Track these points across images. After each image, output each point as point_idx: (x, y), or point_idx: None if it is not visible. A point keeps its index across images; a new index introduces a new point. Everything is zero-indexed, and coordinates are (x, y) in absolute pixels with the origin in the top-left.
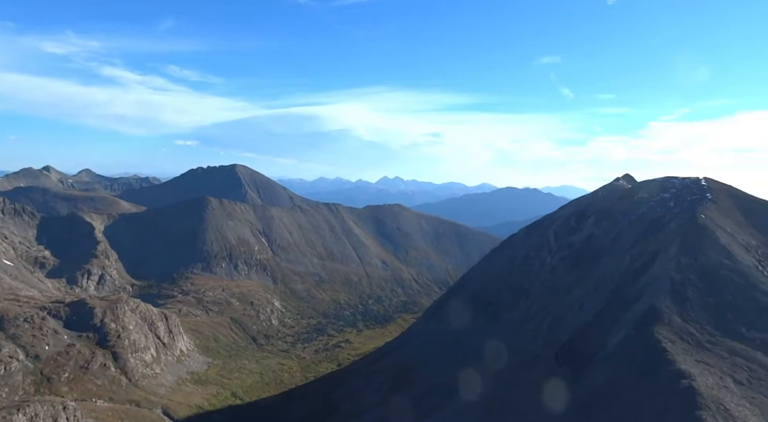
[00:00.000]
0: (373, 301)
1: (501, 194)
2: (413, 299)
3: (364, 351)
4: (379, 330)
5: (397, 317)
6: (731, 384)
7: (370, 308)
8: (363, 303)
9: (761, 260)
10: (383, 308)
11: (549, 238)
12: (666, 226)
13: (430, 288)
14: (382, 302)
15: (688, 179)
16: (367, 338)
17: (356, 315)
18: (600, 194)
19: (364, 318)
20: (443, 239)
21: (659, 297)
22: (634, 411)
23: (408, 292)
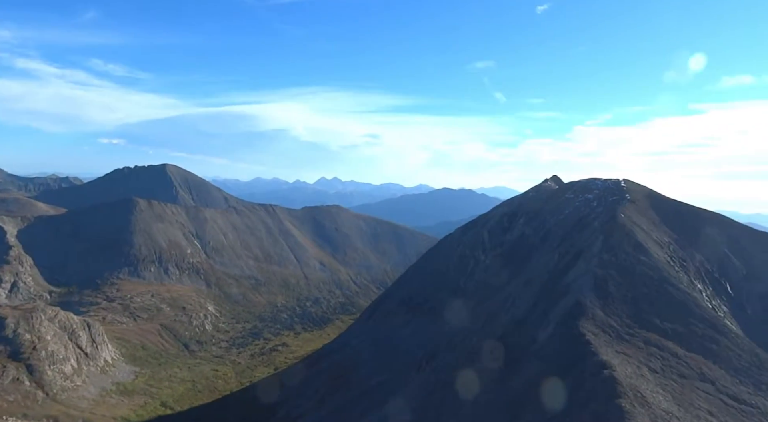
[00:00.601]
0: (311, 303)
1: (437, 194)
2: (352, 301)
3: (302, 353)
4: (317, 332)
5: (336, 318)
6: (647, 372)
7: (308, 310)
8: (301, 305)
9: (672, 256)
10: (321, 310)
11: (483, 237)
12: (590, 225)
13: (369, 289)
14: (320, 304)
15: (610, 181)
16: (304, 340)
17: (294, 318)
18: (530, 195)
19: (301, 321)
20: (381, 240)
21: (584, 292)
22: (562, 401)
23: (346, 293)
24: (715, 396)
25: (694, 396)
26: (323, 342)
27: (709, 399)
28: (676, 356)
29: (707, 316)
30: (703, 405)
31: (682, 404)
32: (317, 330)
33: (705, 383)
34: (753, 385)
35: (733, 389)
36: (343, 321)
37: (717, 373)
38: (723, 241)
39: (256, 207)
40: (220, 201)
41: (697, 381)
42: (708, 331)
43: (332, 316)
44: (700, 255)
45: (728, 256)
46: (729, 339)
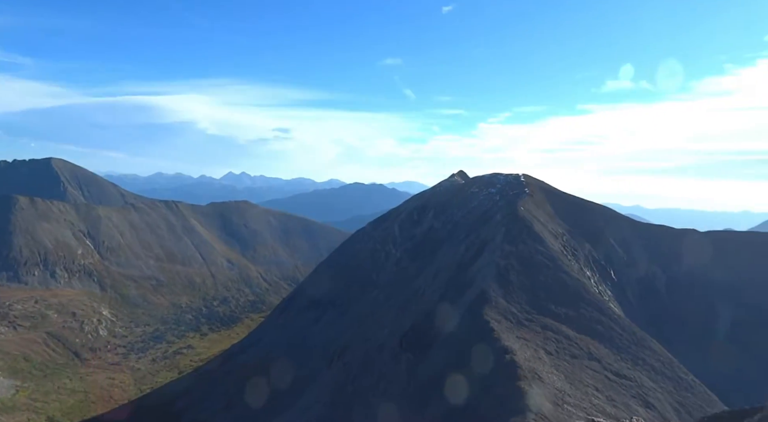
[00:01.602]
0: (219, 302)
1: (349, 189)
2: (262, 298)
3: (209, 355)
4: (226, 332)
5: (245, 317)
6: (543, 355)
7: (215, 310)
8: (207, 305)
9: (565, 246)
10: (229, 309)
11: (394, 231)
12: (493, 218)
13: (279, 286)
14: (229, 302)
15: (511, 176)
16: (212, 342)
17: (200, 318)
18: (438, 189)
19: (208, 321)
20: (292, 235)
21: (487, 282)
22: (469, 387)
23: (256, 291)
24: (601, 373)
25: (584, 374)
26: (232, 342)
27: (595, 376)
28: (568, 338)
29: (594, 300)
30: (591, 381)
31: (573, 382)
32: (225, 330)
33: (592, 361)
34: (632, 361)
35: (615, 365)
36: (252, 320)
37: (602, 352)
38: (608, 231)
39: (157, 204)
40: (116, 198)
41: (585, 360)
42: (595, 314)
43: (241, 315)
44: (588, 244)
45: (612, 245)
46: (612, 321)
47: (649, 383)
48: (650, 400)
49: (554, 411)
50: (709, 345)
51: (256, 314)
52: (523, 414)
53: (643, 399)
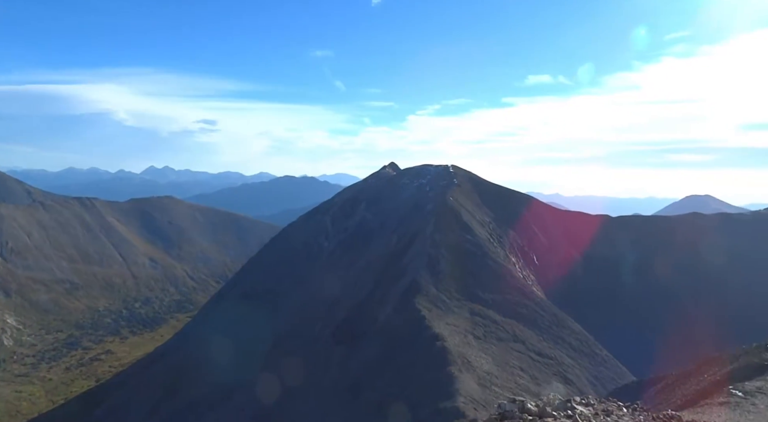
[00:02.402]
0: (141, 304)
1: (279, 182)
2: (188, 297)
3: (131, 360)
4: (149, 334)
5: (170, 318)
6: (472, 340)
7: (137, 312)
8: (128, 307)
9: (491, 234)
10: (153, 310)
11: (326, 224)
12: (423, 208)
13: (207, 283)
14: (152, 303)
15: (440, 167)
16: (133, 345)
17: (120, 322)
18: (370, 181)
19: (129, 324)
20: (220, 231)
21: (419, 271)
22: (403, 374)
23: (182, 290)
24: (525, 354)
25: (509, 356)
26: (156, 345)
27: (520, 357)
28: (495, 322)
29: (519, 285)
30: (516, 362)
31: (500, 364)
32: (149, 332)
33: (517, 343)
34: (552, 341)
35: (538, 346)
36: (179, 320)
37: (527, 334)
38: (530, 218)
39: (69, 201)
40: (22, 195)
41: (511, 343)
42: (520, 298)
43: (166, 316)
44: (513, 231)
45: (534, 231)
46: (535, 303)
47: (568, 360)
48: (569, 376)
49: (482, 393)
50: (619, 321)
51: (183, 314)
52: (453, 398)
53: (563, 376)
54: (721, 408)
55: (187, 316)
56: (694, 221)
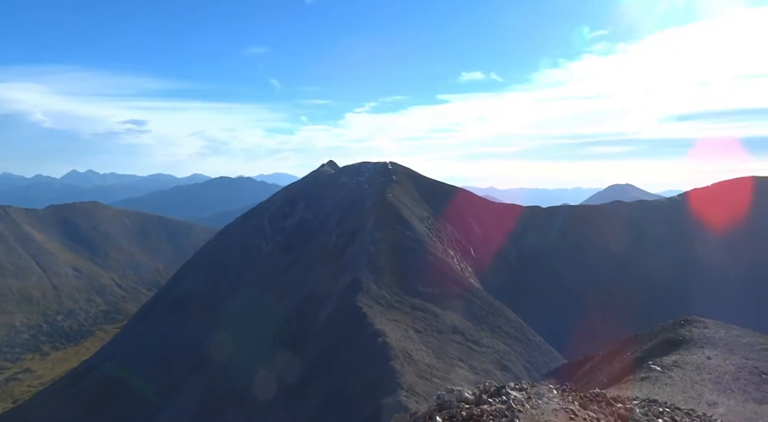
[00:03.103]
0: (63, 317)
1: (214, 184)
2: (117, 307)
3: (52, 377)
4: (73, 348)
5: (97, 330)
6: (413, 334)
7: (58, 325)
8: (49, 322)
9: (430, 228)
10: (77, 322)
11: (264, 225)
12: (363, 205)
13: (138, 292)
14: (76, 316)
15: (379, 164)
16: (55, 362)
17: (39, 337)
18: (308, 180)
19: (51, 339)
20: (152, 236)
21: (359, 269)
22: (346, 372)
23: (110, 300)
24: (464, 345)
25: (449, 348)
26: (82, 359)
27: (460, 348)
28: (435, 315)
29: (457, 277)
30: (455, 353)
31: (440, 356)
32: (73, 346)
33: (456, 334)
34: (490, 330)
35: (476, 335)
36: (106, 332)
37: (465, 325)
38: (467, 212)
39: None
40: None
41: (450, 334)
42: (458, 290)
43: (92, 328)
44: (450, 226)
45: (471, 224)
46: (473, 294)
47: (504, 348)
48: (506, 363)
49: (424, 385)
50: (551, 307)
51: (111, 325)
52: (395, 393)
53: (500, 363)
54: (642, 383)
55: (115, 327)
56: (616, 209)
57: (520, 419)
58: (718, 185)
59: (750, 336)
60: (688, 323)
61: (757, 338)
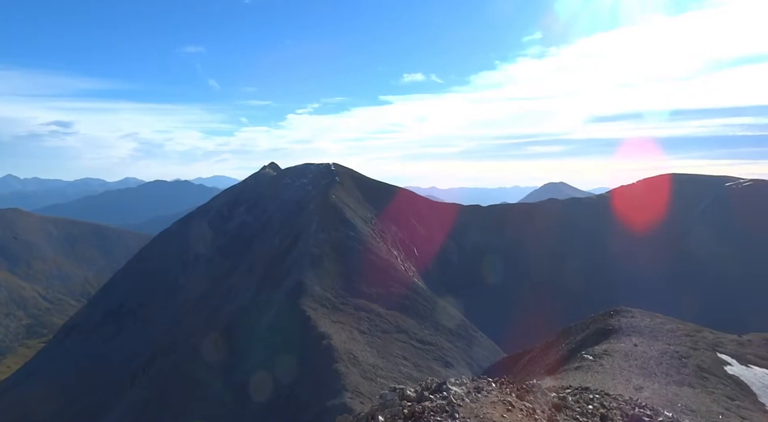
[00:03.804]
0: None
1: (149, 188)
2: (41, 321)
3: None
4: None
5: (18, 346)
6: (358, 335)
7: None
8: None
9: (374, 229)
10: None
11: (203, 229)
12: (306, 207)
13: (65, 303)
14: None
15: (322, 165)
16: None
17: None
18: (249, 183)
19: None
20: (80, 244)
21: (303, 272)
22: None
23: (33, 313)
24: (408, 343)
25: (394, 347)
26: (1, 378)
27: (404, 347)
28: (380, 315)
29: (401, 277)
30: (400, 352)
31: (385, 355)
32: None
33: (401, 333)
34: (433, 328)
35: (420, 334)
36: (29, 348)
37: (409, 323)
38: (410, 212)
39: None
40: None
41: (395, 334)
42: (402, 289)
43: (13, 344)
44: (394, 226)
45: (414, 224)
46: (417, 293)
47: (447, 345)
48: (449, 360)
49: (368, 386)
50: (492, 302)
51: (35, 339)
52: (340, 395)
53: (443, 360)
54: (576, 372)
55: (40, 341)
56: (550, 207)
57: (460, 413)
58: (641, 182)
59: (671, 323)
60: (617, 313)
61: (678, 325)
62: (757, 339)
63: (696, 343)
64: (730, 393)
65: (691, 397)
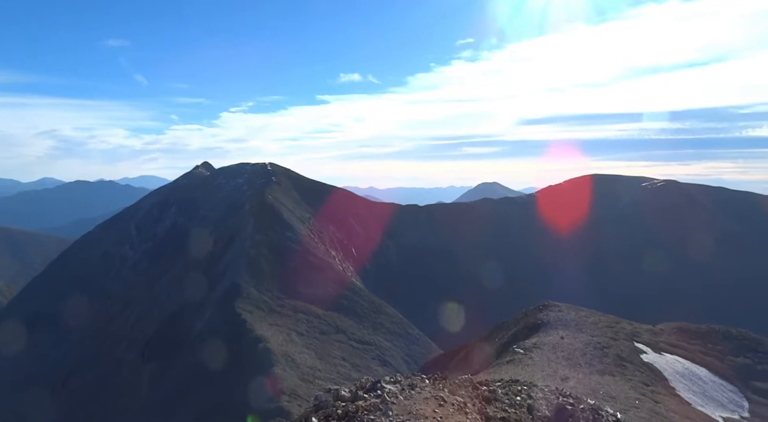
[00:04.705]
0: None
1: (69, 189)
2: None
3: None
4: None
5: None
6: (295, 337)
7: None
8: None
9: (312, 229)
10: None
11: (130, 232)
12: (242, 208)
13: None
14: None
15: (258, 165)
16: None
17: None
18: (181, 183)
19: None
20: None
21: (239, 274)
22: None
23: None
24: (347, 343)
25: (332, 348)
26: None
27: (342, 347)
28: (318, 316)
29: (339, 277)
30: (338, 353)
31: (323, 357)
32: None
33: (339, 334)
34: (372, 327)
35: (358, 334)
36: None
37: (347, 324)
38: (348, 212)
39: None
40: None
41: (333, 334)
42: (340, 290)
43: None
44: (332, 226)
45: (352, 224)
46: (355, 293)
47: (386, 343)
48: (387, 358)
49: (306, 388)
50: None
51: None
52: (277, 399)
53: (382, 359)
54: (507, 366)
55: None
56: (485, 206)
57: (393, 410)
58: (566, 182)
59: (595, 316)
60: (546, 308)
61: (600, 317)
62: (669, 328)
63: (616, 334)
64: (646, 379)
65: (611, 385)
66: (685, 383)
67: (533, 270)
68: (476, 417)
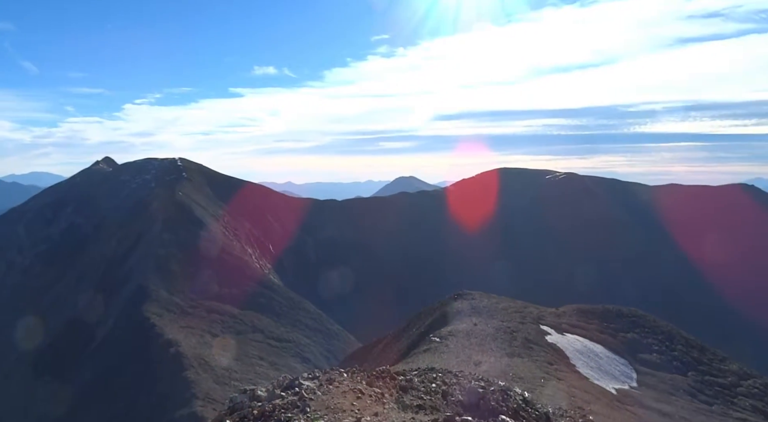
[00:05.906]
0: None
1: None
2: None
3: None
4: None
5: None
6: (209, 338)
7: None
8: None
9: (227, 227)
10: None
11: (19, 234)
12: (149, 206)
13: None
14: None
15: (167, 160)
16: None
17: None
18: (79, 180)
19: None
20: None
21: (146, 276)
22: (132, 390)
23: None
24: (264, 342)
25: (249, 348)
26: None
27: (260, 346)
28: (234, 316)
29: (256, 275)
30: (256, 352)
31: (239, 357)
32: None
33: (256, 333)
34: (290, 324)
35: (276, 332)
36: None
37: (265, 322)
38: (265, 208)
39: None
40: None
41: (250, 334)
42: (257, 288)
43: None
44: (248, 223)
45: (269, 220)
46: (273, 291)
47: (305, 340)
48: (307, 355)
49: (222, 391)
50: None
51: None
52: (190, 404)
53: (301, 356)
54: (425, 355)
55: None
56: (401, 200)
57: (311, 406)
58: (477, 176)
59: (505, 302)
60: (460, 296)
61: (510, 303)
62: (570, 310)
63: (524, 318)
64: (550, 358)
65: (520, 366)
66: (584, 360)
67: (448, 261)
68: (393, 407)
